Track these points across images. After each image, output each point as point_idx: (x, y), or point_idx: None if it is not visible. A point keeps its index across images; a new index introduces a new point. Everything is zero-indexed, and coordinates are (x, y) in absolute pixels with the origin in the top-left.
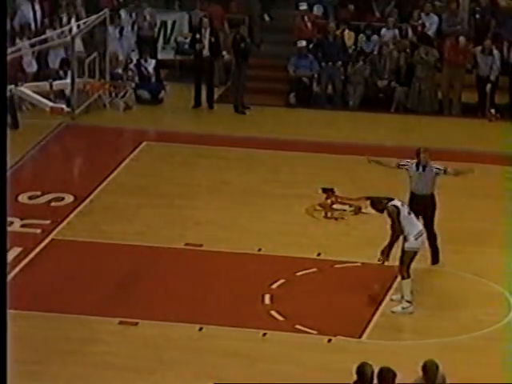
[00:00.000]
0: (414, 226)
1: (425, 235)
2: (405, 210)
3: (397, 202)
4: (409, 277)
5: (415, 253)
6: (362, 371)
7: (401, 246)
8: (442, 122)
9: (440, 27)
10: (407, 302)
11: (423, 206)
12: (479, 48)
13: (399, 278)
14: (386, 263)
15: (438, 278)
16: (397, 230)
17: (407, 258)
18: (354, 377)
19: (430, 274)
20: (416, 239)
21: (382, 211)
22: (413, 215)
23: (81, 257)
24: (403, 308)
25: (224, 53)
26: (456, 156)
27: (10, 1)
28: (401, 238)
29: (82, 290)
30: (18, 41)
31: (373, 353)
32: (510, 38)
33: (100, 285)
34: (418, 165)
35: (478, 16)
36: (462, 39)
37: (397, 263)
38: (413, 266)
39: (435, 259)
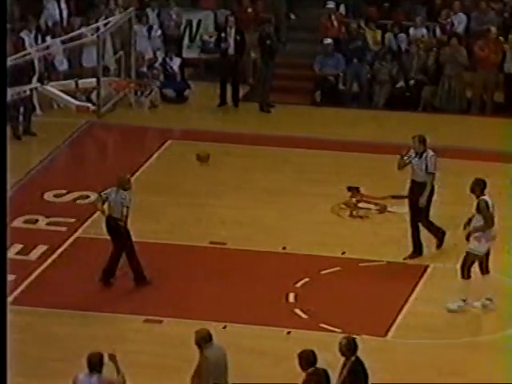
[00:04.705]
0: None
1: (492, 242)
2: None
3: (488, 199)
4: (468, 277)
5: (477, 256)
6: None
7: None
8: (471, 120)
9: (468, 26)
10: (462, 300)
11: (419, 193)
12: (508, 46)
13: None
14: None
15: None
16: (488, 221)
17: (469, 259)
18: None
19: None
20: (486, 242)
21: (474, 192)
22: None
23: (106, 255)
24: (458, 306)
25: (250, 51)
26: (483, 156)
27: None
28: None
29: (107, 288)
30: (34, 41)
31: (398, 352)
32: None
33: (125, 283)
34: (415, 152)
35: (506, 15)
36: (494, 37)
37: (425, 262)
38: (447, 265)
39: (416, 252)
